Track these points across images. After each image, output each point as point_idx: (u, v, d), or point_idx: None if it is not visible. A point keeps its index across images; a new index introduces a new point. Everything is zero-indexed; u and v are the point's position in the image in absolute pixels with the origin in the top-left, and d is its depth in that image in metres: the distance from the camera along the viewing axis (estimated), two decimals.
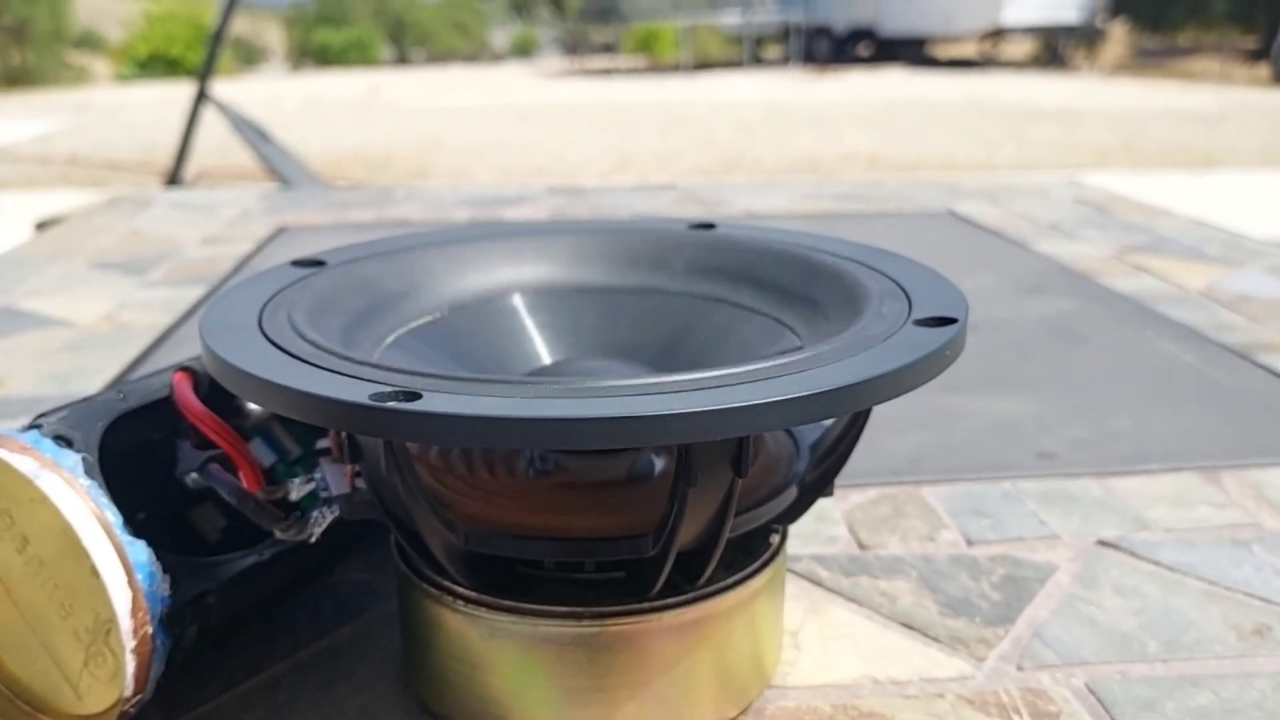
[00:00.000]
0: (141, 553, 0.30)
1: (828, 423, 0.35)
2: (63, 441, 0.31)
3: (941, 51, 11.72)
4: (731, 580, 0.31)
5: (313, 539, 0.32)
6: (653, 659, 0.31)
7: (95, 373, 0.66)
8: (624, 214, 1.17)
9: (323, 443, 0.35)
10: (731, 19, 13.07)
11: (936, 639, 0.38)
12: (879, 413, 0.31)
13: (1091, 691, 0.35)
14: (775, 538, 0.34)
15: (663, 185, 1.39)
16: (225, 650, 0.37)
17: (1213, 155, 3.98)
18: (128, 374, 0.66)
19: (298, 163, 2.63)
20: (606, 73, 11.98)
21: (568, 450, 0.33)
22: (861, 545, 0.45)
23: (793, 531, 0.37)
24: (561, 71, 12.53)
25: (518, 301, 0.38)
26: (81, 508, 0.29)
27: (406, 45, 17.51)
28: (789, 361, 0.27)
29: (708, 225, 0.41)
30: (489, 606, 0.30)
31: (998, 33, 10.85)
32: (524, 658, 0.30)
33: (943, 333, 0.29)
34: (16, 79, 10.22)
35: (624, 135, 5.14)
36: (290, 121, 5.21)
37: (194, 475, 0.33)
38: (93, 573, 0.29)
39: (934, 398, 0.61)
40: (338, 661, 0.36)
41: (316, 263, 0.37)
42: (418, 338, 0.35)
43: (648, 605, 0.30)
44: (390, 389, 0.25)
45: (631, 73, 11.98)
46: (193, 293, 0.85)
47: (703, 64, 12.52)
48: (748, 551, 0.33)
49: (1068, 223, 1.11)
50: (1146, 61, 10.33)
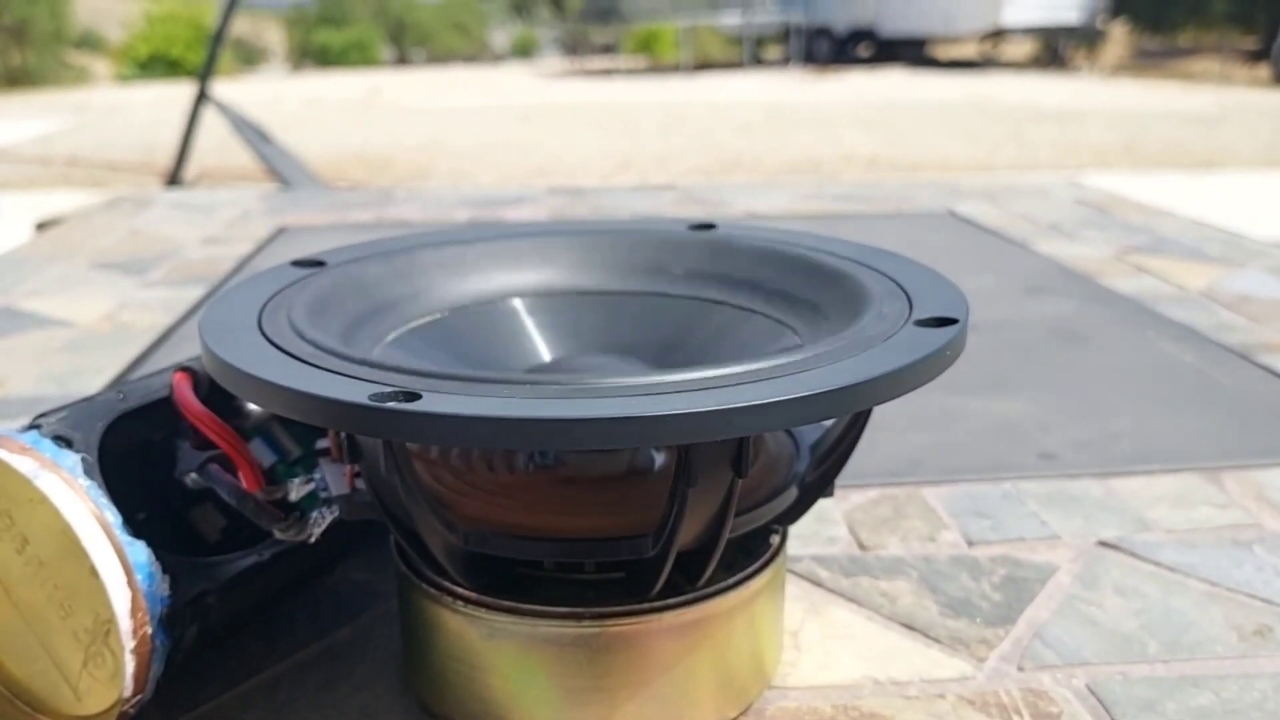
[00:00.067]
0: (141, 553, 0.30)
1: (828, 423, 0.35)
2: (62, 442, 0.30)
3: (942, 52, 11.72)
4: (732, 581, 0.31)
5: (312, 539, 0.32)
6: (653, 659, 0.31)
7: (95, 373, 0.66)
8: (624, 214, 1.17)
9: (322, 443, 0.35)
10: (732, 20, 13.08)
11: (937, 639, 0.38)
12: (879, 413, 0.31)
13: (1092, 692, 0.35)
14: (775, 538, 0.34)
15: (663, 186, 1.39)
16: (225, 650, 0.36)
17: (1213, 156, 3.98)
18: (128, 374, 0.66)
19: (298, 163, 2.63)
20: (607, 73, 11.99)
21: (568, 450, 0.33)
22: (862, 546, 0.45)
23: (793, 532, 0.37)
24: (562, 72, 12.54)
25: (518, 304, 0.38)
26: (81, 508, 0.29)
27: (407, 46, 17.52)
28: (789, 362, 0.27)
29: (708, 226, 0.41)
30: (489, 607, 0.30)
31: (998, 33, 10.85)
32: (524, 658, 0.30)
33: (943, 333, 0.29)
34: (17, 79, 10.23)
35: (624, 136, 5.14)
36: (290, 122, 5.22)
37: (193, 475, 0.33)
38: (92, 573, 0.29)
39: (935, 398, 0.61)
40: (338, 662, 0.36)
41: (316, 263, 0.37)
42: (417, 337, 0.35)
43: (648, 606, 0.30)
44: (390, 389, 0.25)
45: (632, 73, 11.98)
46: (193, 293, 0.85)
47: (703, 64, 12.52)
48: (748, 552, 0.33)
49: (1068, 223, 1.11)
50: (1147, 62, 10.33)
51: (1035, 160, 4.03)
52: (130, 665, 0.29)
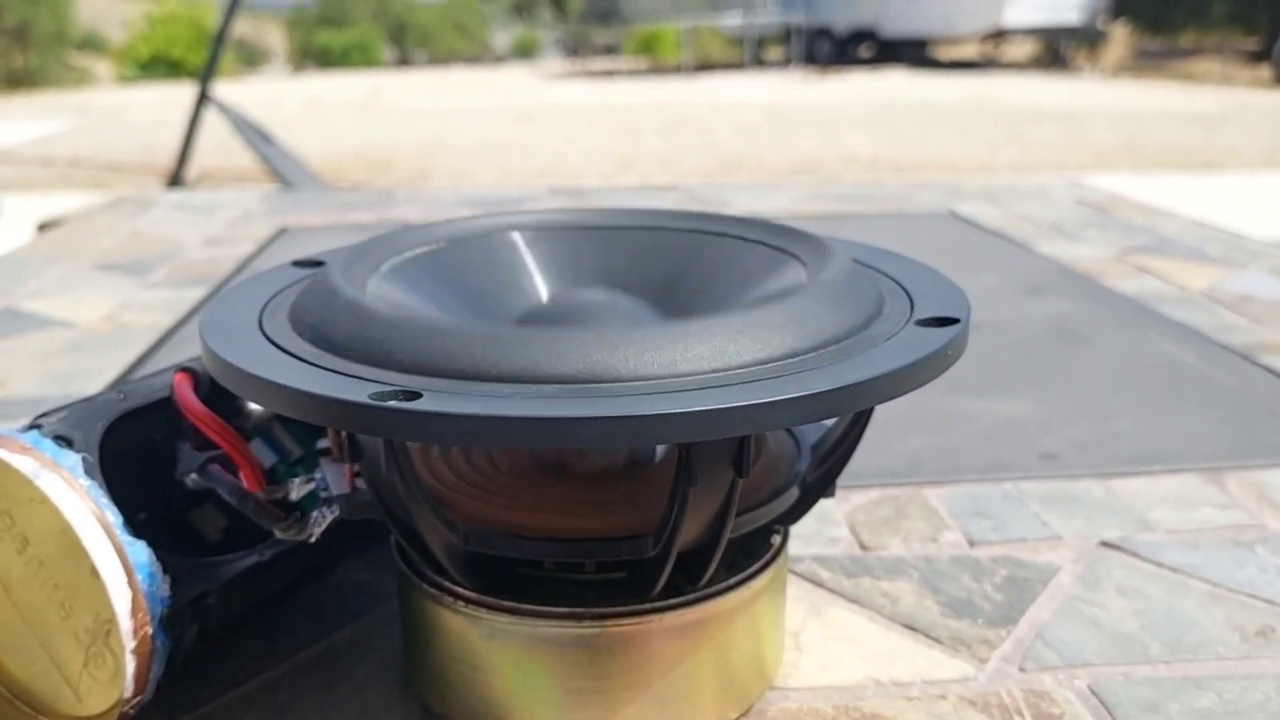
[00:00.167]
0: (141, 553, 0.30)
1: (829, 423, 0.35)
2: (63, 442, 0.30)
3: (943, 53, 11.72)
4: (733, 581, 0.31)
5: (313, 539, 0.32)
6: (653, 660, 0.30)
7: (96, 373, 0.66)
8: None
9: (323, 442, 0.35)
10: (733, 20, 13.08)
11: (939, 640, 0.38)
12: (881, 413, 0.31)
13: (1094, 693, 0.35)
14: (777, 538, 0.34)
15: (664, 186, 1.39)
16: (225, 651, 0.36)
17: (1214, 157, 3.98)
18: (129, 375, 0.66)
19: (299, 164, 2.63)
20: (608, 74, 11.99)
21: (568, 449, 0.33)
22: (863, 546, 0.45)
23: (794, 532, 0.37)
24: (563, 73, 12.54)
25: (516, 238, 0.38)
26: (81, 508, 0.29)
27: (408, 47, 17.52)
28: (791, 361, 0.27)
29: None
30: (489, 607, 0.30)
31: (999, 34, 10.85)
32: (524, 658, 0.30)
33: (945, 333, 0.29)
34: (19, 81, 10.23)
35: (625, 136, 5.14)
36: (292, 123, 5.22)
37: (194, 476, 0.33)
38: (93, 573, 0.29)
39: (936, 398, 0.61)
40: (338, 662, 0.36)
41: (317, 263, 0.37)
42: (414, 266, 0.35)
43: (648, 606, 0.30)
44: (390, 388, 0.25)
45: (633, 74, 11.98)
46: (194, 293, 0.85)
47: (704, 65, 12.52)
48: (749, 552, 0.33)
49: (1069, 224, 1.11)
50: (1148, 63, 10.33)
51: (1036, 161, 4.03)
52: (131, 666, 0.29)
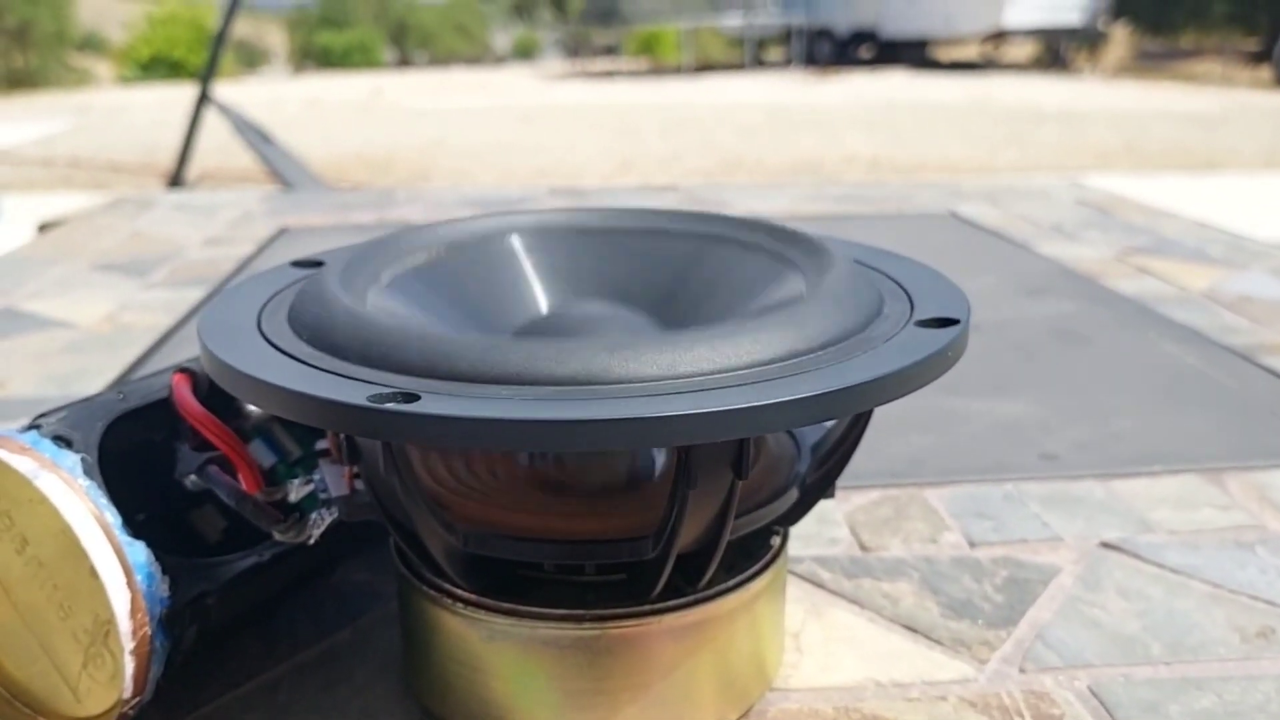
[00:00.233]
0: (141, 554, 0.29)
1: (829, 424, 0.35)
2: (62, 442, 0.30)
3: (943, 54, 11.72)
4: (733, 582, 0.31)
5: (312, 540, 0.32)
6: (654, 662, 0.30)
7: (96, 374, 0.66)
8: None
9: (322, 444, 0.35)
10: (733, 21, 13.08)
11: (939, 641, 0.38)
12: (881, 414, 0.31)
13: (1094, 694, 0.35)
14: (776, 539, 0.34)
15: (665, 186, 1.39)
16: (225, 652, 0.36)
17: (1214, 157, 3.98)
18: (128, 375, 0.66)
19: (299, 165, 2.63)
20: (608, 75, 11.99)
21: (569, 462, 0.33)
22: (863, 547, 0.44)
23: (794, 533, 0.37)
24: (563, 74, 12.54)
25: (515, 244, 0.38)
26: (80, 508, 0.29)
27: (409, 47, 17.53)
28: (791, 362, 0.27)
29: None
30: (489, 609, 0.30)
31: (999, 35, 10.84)
32: (524, 660, 0.30)
33: (945, 334, 0.29)
34: (19, 81, 10.24)
35: (626, 137, 5.14)
36: (292, 123, 5.22)
37: (193, 477, 0.33)
38: (92, 574, 0.29)
39: (936, 399, 0.61)
40: (338, 663, 0.36)
41: (316, 264, 0.37)
42: (415, 278, 0.35)
43: (648, 608, 0.30)
44: (388, 390, 0.25)
45: (633, 75, 11.98)
46: (194, 294, 0.85)
47: (704, 66, 12.52)
48: (749, 553, 0.32)
49: (1069, 224, 1.11)
50: (1148, 64, 10.33)
51: (1037, 161, 4.03)
52: (130, 666, 0.29)
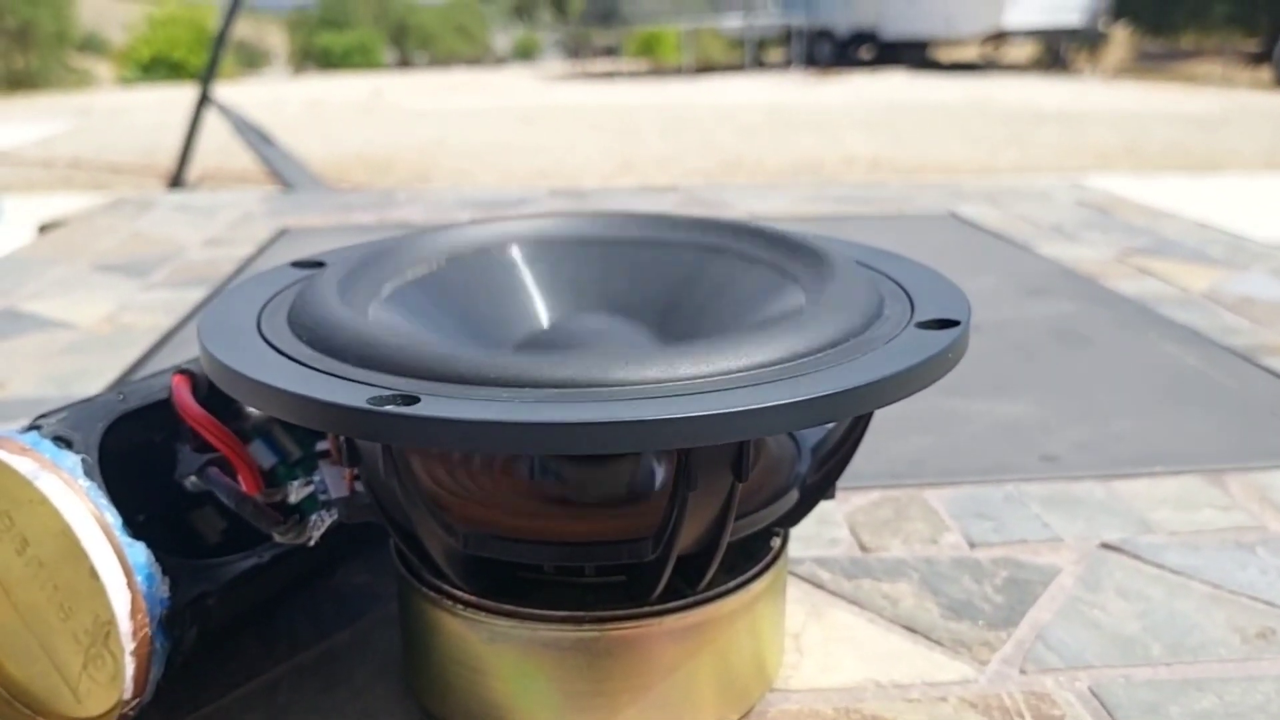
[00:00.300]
0: (141, 554, 0.29)
1: (829, 425, 0.35)
2: (62, 443, 0.30)
3: (943, 54, 11.72)
4: (733, 584, 0.31)
5: (311, 542, 0.32)
6: (654, 663, 0.30)
7: (96, 375, 0.66)
8: None
9: (322, 445, 0.35)
10: (733, 22, 13.08)
11: (939, 642, 0.38)
12: (881, 415, 0.31)
13: (1095, 695, 0.35)
14: (776, 541, 0.34)
15: (665, 187, 1.39)
16: (225, 653, 0.36)
17: (1215, 158, 3.98)
18: (129, 376, 0.66)
19: (300, 165, 2.63)
20: (608, 76, 11.99)
21: (567, 454, 0.33)
22: (863, 548, 0.44)
23: (794, 534, 0.37)
24: (564, 74, 12.54)
25: (515, 254, 0.37)
26: (81, 509, 0.29)
27: (409, 48, 17.54)
28: (791, 364, 0.27)
29: None
30: (489, 610, 0.30)
31: (999, 35, 10.85)
32: (524, 662, 0.30)
33: (945, 335, 0.29)
34: (20, 82, 10.24)
35: (626, 138, 5.14)
36: (292, 124, 5.22)
37: (193, 478, 0.33)
38: (92, 574, 0.29)
39: (936, 400, 0.60)
40: (338, 664, 0.36)
41: (317, 264, 0.37)
42: (416, 290, 0.35)
43: (648, 609, 0.30)
44: (389, 392, 0.25)
45: (633, 76, 11.99)
46: (194, 295, 0.85)
47: (705, 67, 12.53)
48: (749, 555, 0.32)
49: (1070, 225, 1.11)
50: (1148, 64, 10.33)
51: (1037, 162, 4.03)
52: (130, 667, 0.29)
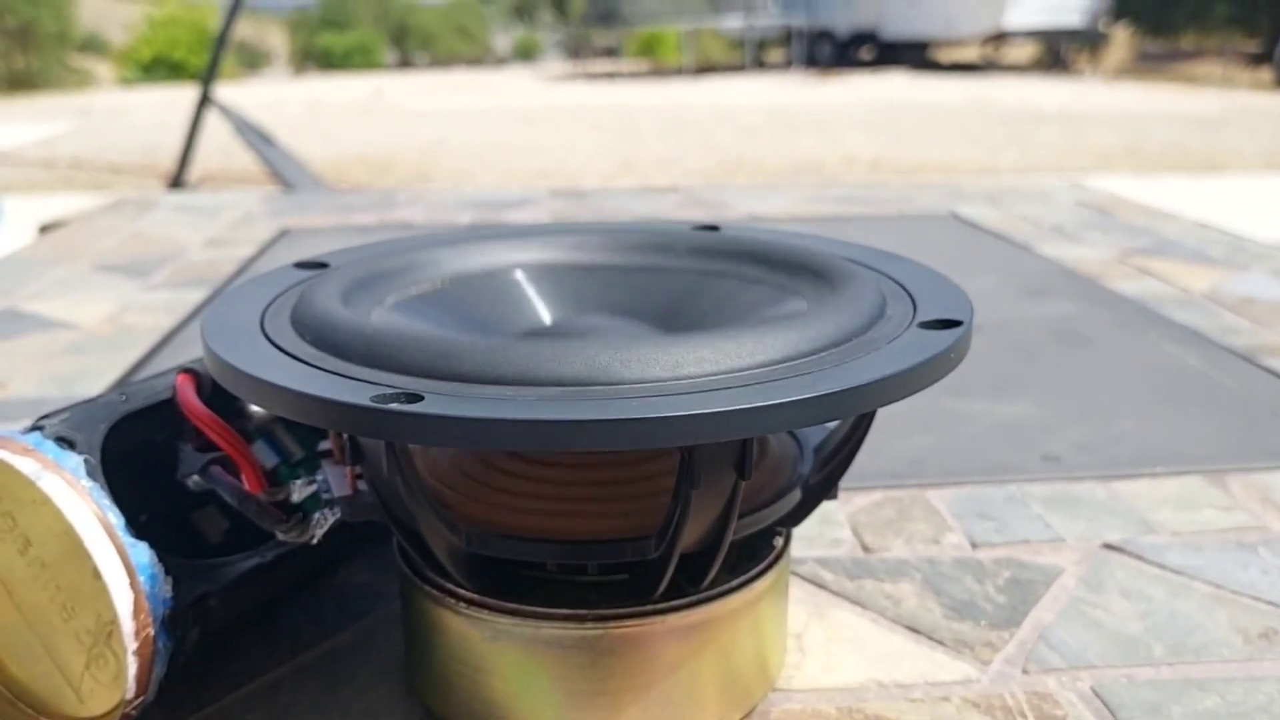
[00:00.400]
0: (143, 554, 0.29)
1: (832, 425, 0.35)
2: (65, 443, 0.30)
3: (944, 55, 11.73)
4: (735, 583, 0.31)
5: (314, 541, 0.32)
6: (656, 662, 0.30)
7: (98, 375, 0.66)
8: (626, 216, 1.17)
9: (325, 444, 0.35)
10: (734, 23, 13.08)
11: (941, 642, 0.38)
12: (883, 415, 0.31)
13: (1097, 695, 0.35)
14: (779, 540, 0.34)
15: (665, 188, 1.39)
16: (227, 652, 0.36)
17: (1215, 159, 3.98)
18: (130, 376, 0.66)
19: (300, 166, 2.63)
20: (609, 76, 12.00)
21: (569, 452, 0.33)
22: (866, 548, 0.44)
23: (797, 534, 0.37)
24: (564, 75, 12.55)
25: (520, 275, 0.38)
26: (84, 509, 0.29)
27: (409, 49, 17.55)
28: (794, 363, 0.27)
29: (711, 228, 0.41)
30: (491, 609, 0.30)
31: (1000, 36, 10.85)
32: (527, 660, 0.30)
33: (948, 335, 0.29)
34: (20, 82, 10.25)
35: (626, 138, 5.14)
36: (293, 125, 5.23)
37: (196, 477, 0.33)
38: (94, 574, 0.29)
39: (938, 400, 0.61)
40: (340, 663, 0.36)
41: (319, 265, 0.37)
42: (420, 301, 0.35)
43: (651, 608, 0.30)
44: (392, 390, 0.25)
45: (634, 76, 11.99)
46: (195, 295, 0.85)
47: (705, 68, 12.53)
48: (751, 554, 0.32)
49: (1070, 225, 1.11)
50: (1149, 65, 10.33)
51: (1037, 162, 4.03)
52: (132, 667, 0.29)
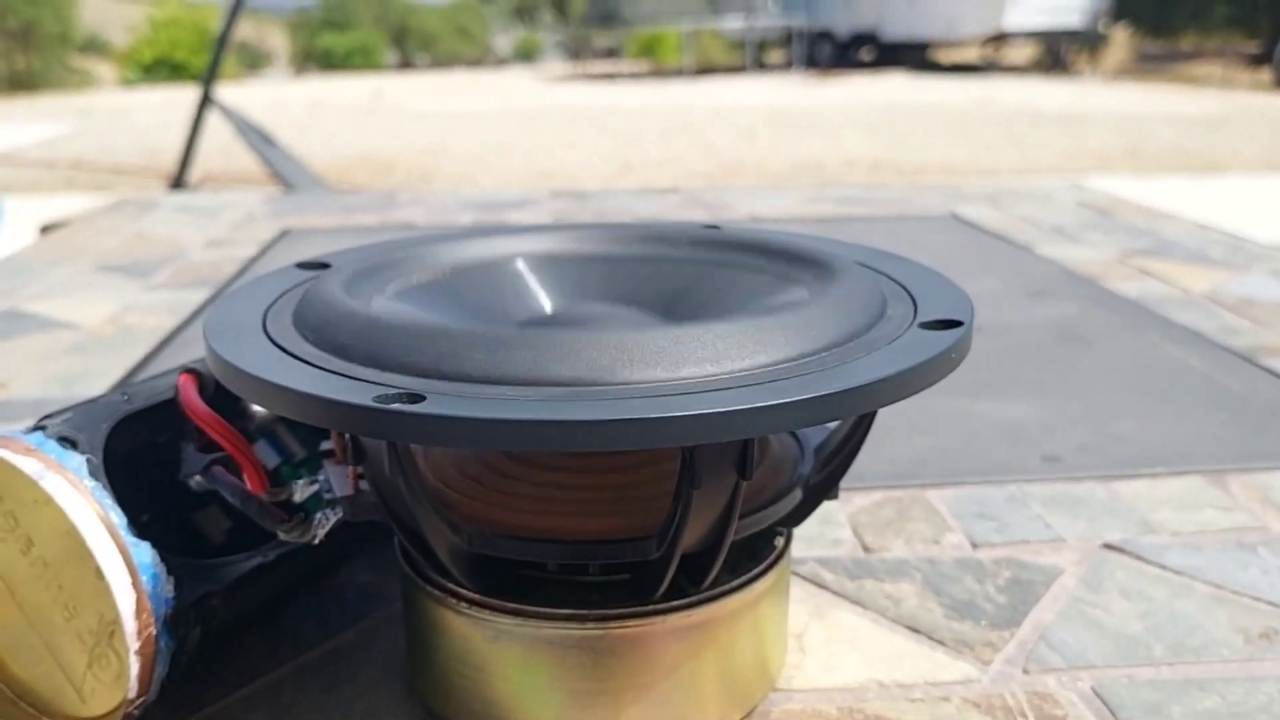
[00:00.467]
0: (146, 554, 0.30)
1: (832, 425, 0.35)
2: (67, 443, 0.31)
3: (944, 56, 11.73)
4: (736, 583, 0.31)
5: (316, 541, 0.32)
6: (657, 662, 0.30)
7: (100, 375, 0.66)
8: (627, 217, 1.17)
9: (327, 444, 0.35)
10: (734, 24, 13.08)
11: (942, 642, 0.38)
12: (884, 415, 0.31)
13: (1097, 695, 0.35)
14: (780, 540, 0.34)
15: (666, 189, 1.39)
16: (229, 652, 0.36)
17: (1215, 159, 3.98)
18: (132, 377, 0.67)
19: (301, 166, 2.64)
20: (609, 77, 12.00)
21: (571, 452, 0.33)
22: (866, 548, 0.45)
23: (797, 534, 0.37)
24: (564, 76, 12.55)
25: (521, 265, 0.38)
26: (86, 509, 0.29)
27: (410, 50, 17.55)
28: (795, 363, 0.27)
29: (712, 229, 0.41)
30: (493, 609, 0.30)
31: (1000, 37, 10.85)
32: (528, 660, 0.30)
33: (948, 335, 0.29)
34: (22, 83, 10.26)
35: (627, 140, 5.15)
36: (294, 125, 5.23)
37: (198, 477, 0.33)
38: (97, 574, 0.29)
39: (939, 400, 0.61)
40: (342, 664, 0.36)
41: (321, 265, 0.37)
42: (422, 290, 0.35)
43: (652, 608, 0.30)
44: (394, 390, 0.25)
45: (634, 77, 11.99)
46: (197, 295, 0.85)
47: (705, 69, 12.54)
48: (752, 554, 0.33)
49: (1071, 226, 1.11)
50: (1149, 66, 10.33)
51: (1037, 163, 4.03)
52: (135, 667, 0.29)
